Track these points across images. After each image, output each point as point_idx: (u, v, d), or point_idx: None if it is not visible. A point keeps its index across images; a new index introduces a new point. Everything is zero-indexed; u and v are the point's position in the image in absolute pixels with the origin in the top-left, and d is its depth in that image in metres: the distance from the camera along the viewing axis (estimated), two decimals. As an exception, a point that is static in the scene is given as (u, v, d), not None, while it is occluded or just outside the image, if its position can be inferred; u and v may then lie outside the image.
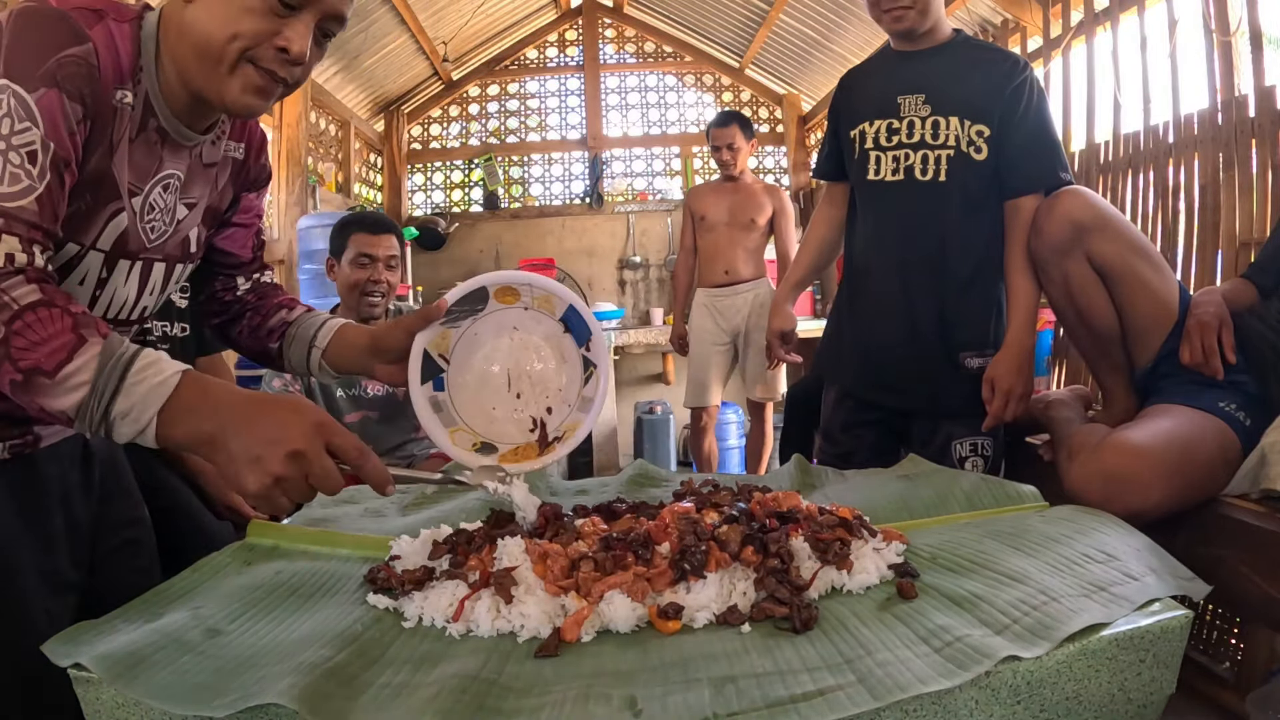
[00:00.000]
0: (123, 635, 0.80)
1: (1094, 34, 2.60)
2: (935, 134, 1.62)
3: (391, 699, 0.72)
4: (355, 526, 1.18)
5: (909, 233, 1.67)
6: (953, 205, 1.62)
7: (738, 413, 4.31)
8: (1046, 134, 1.62)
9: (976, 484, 1.23)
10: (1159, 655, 0.76)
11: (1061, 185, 1.57)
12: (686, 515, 1.00)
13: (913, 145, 1.64)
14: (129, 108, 0.88)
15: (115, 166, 0.87)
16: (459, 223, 5.17)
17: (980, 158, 1.60)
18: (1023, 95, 1.59)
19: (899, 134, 1.65)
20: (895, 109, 1.66)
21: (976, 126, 1.60)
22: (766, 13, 4.41)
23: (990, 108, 1.59)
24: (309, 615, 0.89)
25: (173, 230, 1.00)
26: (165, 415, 0.75)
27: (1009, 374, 1.56)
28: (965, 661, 0.71)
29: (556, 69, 5.44)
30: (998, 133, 1.59)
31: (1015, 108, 1.59)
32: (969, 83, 1.61)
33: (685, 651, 0.78)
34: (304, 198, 3.58)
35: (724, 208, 3.31)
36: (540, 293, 1.09)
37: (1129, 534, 0.98)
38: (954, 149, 1.61)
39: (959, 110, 1.60)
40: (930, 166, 1.63)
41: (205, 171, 1.03)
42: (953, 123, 1.61)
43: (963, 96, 1.61)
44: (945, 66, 1.64)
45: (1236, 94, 1.97)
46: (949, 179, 1.62)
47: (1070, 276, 1.48)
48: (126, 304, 0.98)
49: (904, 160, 1.65)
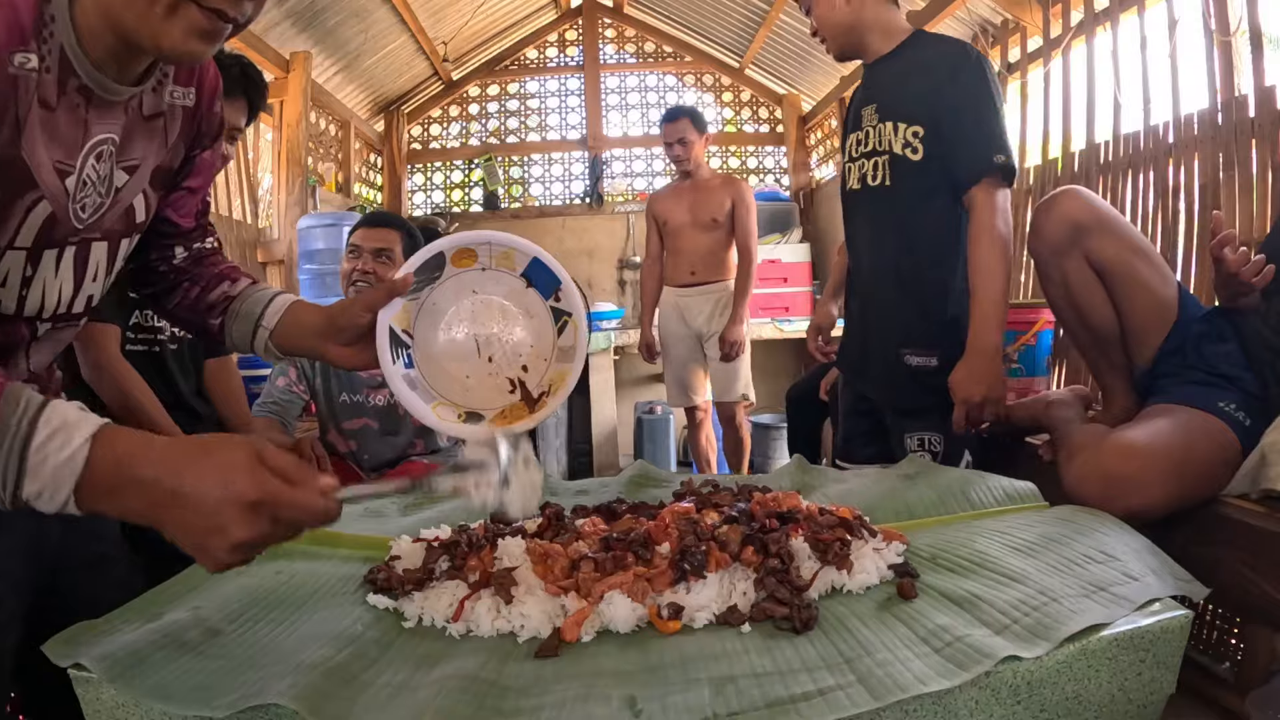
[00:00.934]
0: (123, 635, 0.80)
1: (1094, 34, 2.60)
2: (880, 140, 1.67)
3: (391, 699, 0.72)
4: (355, 526, 1.18)
5: (867, 236, 1.76)
6: (899, 207, 1.66)
7: (738, 413, 4.30)
8: (980, 122, 1.57)
9: (976, 484, 1.23)
10: (1159, 655, 0.76)
11: (1000, 169, 1.55)
12: (686, 515, 1.00)
13: (867, 154, 1.71)
14: (33, 74, 0.72)
15: (26, 149, 0.72)
16: (459, 223, 5.17)
17: (916, 158, 1.62)
18: (955, 87, 1.58)
19: (861, 144, 1.73)
20: (859, 121, 1.74)
21: (911, 128, 1.62)
22: (766, 13, 4.41)
23: (922, 107, 1.61)
24: (309, 615, 0.89)
25: (110, 202, 0.85)
26: (83, 496, 0.62)
27: (965, 381, 1.54)
28: (965, 661, 0.71)
29: (556, 69, 5.44)
30: (933, 131, 1.60)
31: (947, 102, 1.59)
32: (909, 86, 1.64)
33: (685, 651, 0.78)
34: (304, 198, 3.58)
35: (684, 209, 3.22)
36: (499, 249, 1.05)
37: (1129, 534, 0.98)
38: (889, 153, 1.65)
39: (896, 115, 1.64)
40: (878, 172, 1.69)
41: (147, 126, 0.87)
42: (888, 127, 1.65)
43: (901, 101, 1.64)
44: (893, 74, 1.69)
45: (1236, 94, 1.97)
46: (894, 183, 1.66)
47: (1069, 276, 1.49)
48: (63, 298, 0.84)
49: (861, 169, 1.73)
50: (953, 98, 1.58)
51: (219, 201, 3.24)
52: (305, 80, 3.53)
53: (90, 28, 0.74)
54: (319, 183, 3.95)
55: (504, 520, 1.05)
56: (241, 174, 3.44)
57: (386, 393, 2.08)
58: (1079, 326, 1.54)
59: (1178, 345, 1.45)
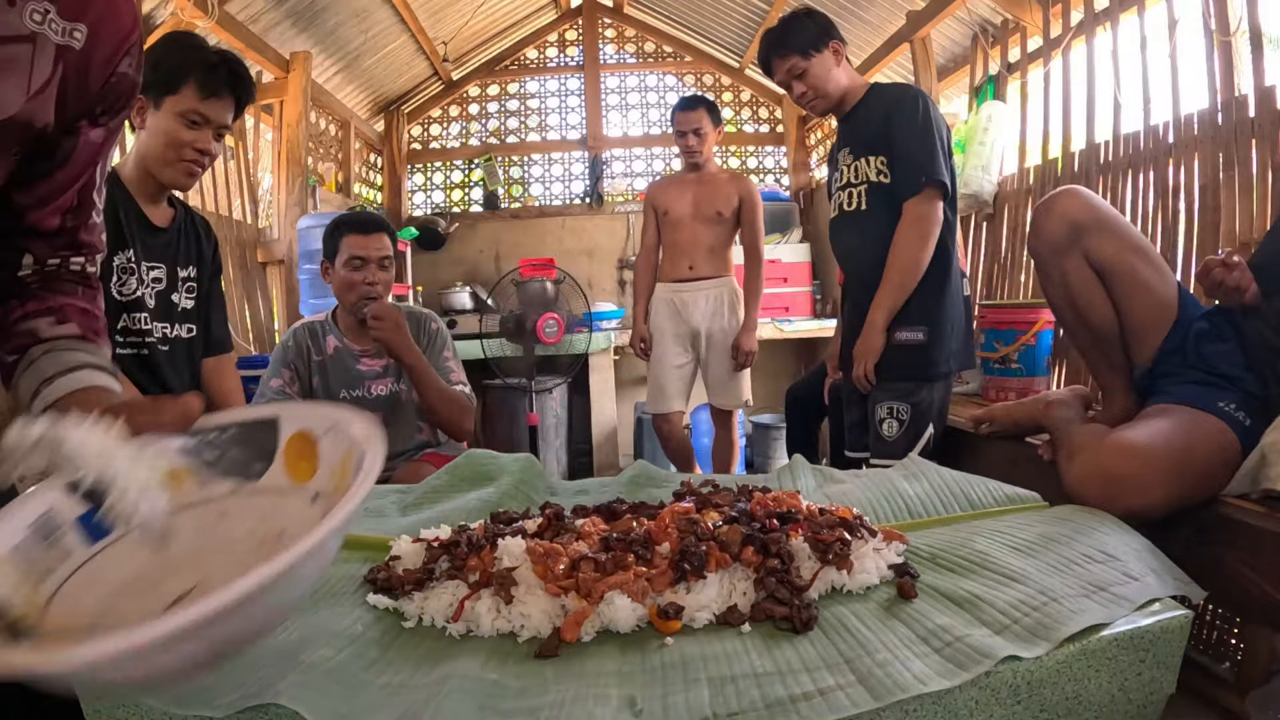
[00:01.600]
0: (123, 635, 0.80)
1: (1094, 34, 2.60)
2: (856, 174, 2.06)
3: (391, 699, 0.72)
4: (355, 526, 1.18)
5: (855, 250, 2.12)
6: (877, 223, 2.00)
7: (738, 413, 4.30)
8: (918, 143, 1.92)
9: (976, 484, 1.23)
10: (1159, 655, 0.76)
11: (931, 184, 1.90)
12: (687, 515, 1.00)
13: (843, 187, 2.10)
14: None
15: None
16: (459, 223, 5.17)
17: (887, 181, 1.99)
18: (902, 113, 1.94)
19: (837, 180, 2.13)
20: (837, 163, 2.15)
21: (879, 159, 2.00)
22: (766, 13, 4.41)
23: (881, 140, 1.99)
24: (309, 615, 0.89)
25: None
26: None
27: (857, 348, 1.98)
28: (965, 661, 0.71)
29: (556, 69, 5.43)
30: (890, 156, 1.97)
31: (893, 130, 1.95)
32: (871, 127, 2.02)
33: (685, 651, 0.78)
34: (304, 198, 3.58)
35: (687, 200, 3.05)
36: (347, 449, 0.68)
37: (1129, 534, 0.98)
38: (866, 182, 2.03)
39: (865, 150, 2.03)
40: (855, 200, 2.07)
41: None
42: (861, 162, 2.04)
43: (867, 140, 2.02)
44: (859, 121, 2.07)
45: (1236, 94, 1.97)
46: (869, 206, 2.03)
47: (1068, 276, 1.49)
48: None
49: (840, 200, 2.12)
50: (896, 129, 1.95)
51: (219, 201, 3.23)
52: (305, 80, 3.53)
53: None
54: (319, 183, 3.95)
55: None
56: (241, 174, 3.44)
57: (388, 383, 2.08)
58: (1078, 326, 1.54)
59: (1178, 345, 1.45)
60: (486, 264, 5.10)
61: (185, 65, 1.60)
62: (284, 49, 3.51)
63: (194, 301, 1.83)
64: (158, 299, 1.75)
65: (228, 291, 3.17)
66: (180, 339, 1.82)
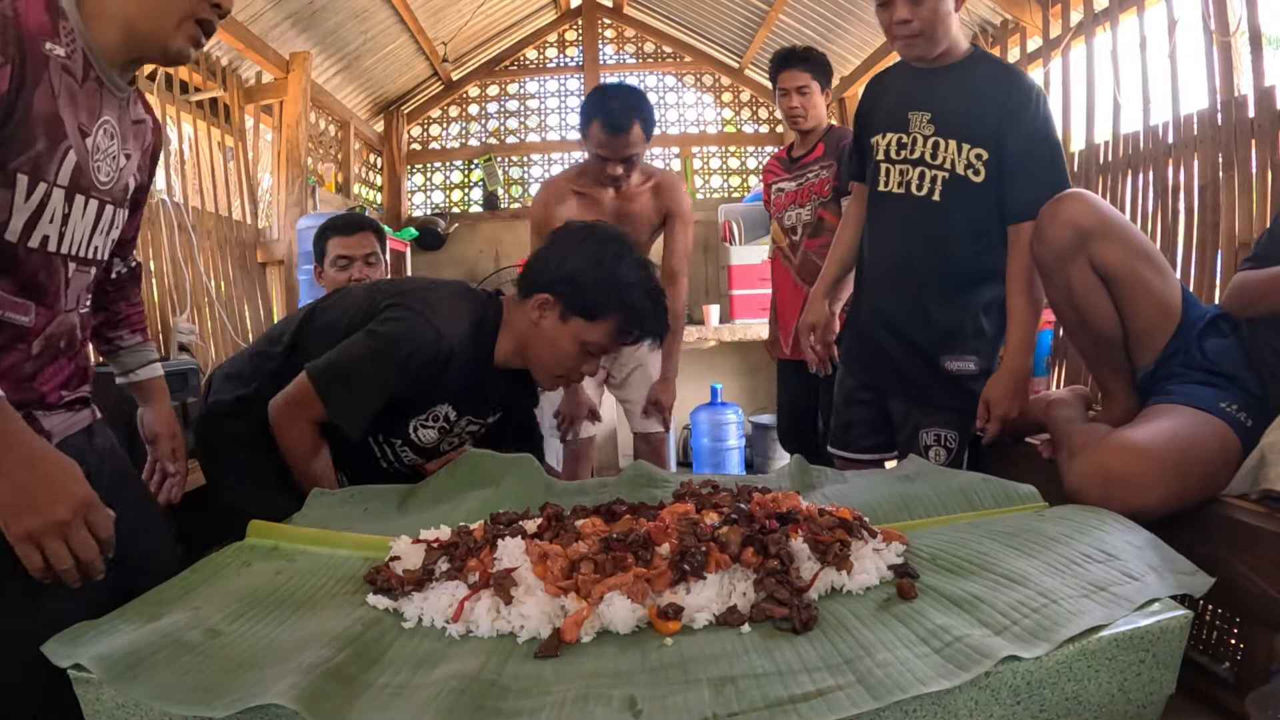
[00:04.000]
0: (123, 635, 0.80)
1: (1094, 34, 2.60)
2: (935, 154, 1.70)
3: (391, 699, 0.72)
4: (355, 526, 1.18)
5: (904, 242, 1.78)
6: (946, 222, 1.71)
7: (738, 412, 4.30)
8: (1045, 160, 1.64)
9: (976, 484, 1.23)
10: (1159, 655, 0.76)
11: None
12: (686, 516, 1.00)
13: (914, 161, 1.73)
14: (61, 58, 0.95)
15: (62, 110, 0.96)
16: (459, 223, 5.16)
17: (978, 180, 1.66)
18: (1023, 118, 1.63)
19: (906, 148, 1.74)
20: (905, 124, 1.74)
21: (975, 150, 1.66)
22: (766, 13, 4.40)
23: (989, 131, 1.65)
24: (309, 615, 0.89)
25: (118, 175, 1.08)
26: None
27: (1005, 398, 1.64)
28: (965, 662, 0.71)
29: (556, 69, 5.44)
30: (996, 155, 1.65)
31: (1013, 132, 1.63)
32: (973, 105, 1.66)
33: (685, 652, 0.78)
34: (304, 198, 3.58)
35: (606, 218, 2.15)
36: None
37: (1129, 531, 0.98)
38: (949, 171, 1.69)
39: (959, 133, 1.67)
40: (926, 184, 1.72)
41: (134, 128, 1.13)
42: (951, 145, 1.68)
43: (965, 119, 1.67)
44: (954, 87, 1.69)
45: (1236, 94, 1.97)
46: (943, 199, 1.70)
47: (1073, 282, 1.48)
48: (83, 241, 1.06)
49: (905, 175, 1.75)
50: (1021, 133, 1.62)
51: (219, 201, 3.24)
52: (305, 80, 3.53)
53: (102, 36, 1.01)
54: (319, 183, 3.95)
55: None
56: (241, 174, 3.44)
57: None
58: (1080, 330, 1.54)
59: (1180, 346, 1.45)
60: (486, 264, 5.10)
61: None
62: (284, 49, 3.51)
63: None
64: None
65: (227, 292, 3.18)
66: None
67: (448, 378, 1.42)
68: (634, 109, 2.02)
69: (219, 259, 3.14)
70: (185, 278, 2.79)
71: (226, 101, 3.36)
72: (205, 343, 2.89)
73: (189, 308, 2.78)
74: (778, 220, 2.67)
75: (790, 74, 2.60)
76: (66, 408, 1.10)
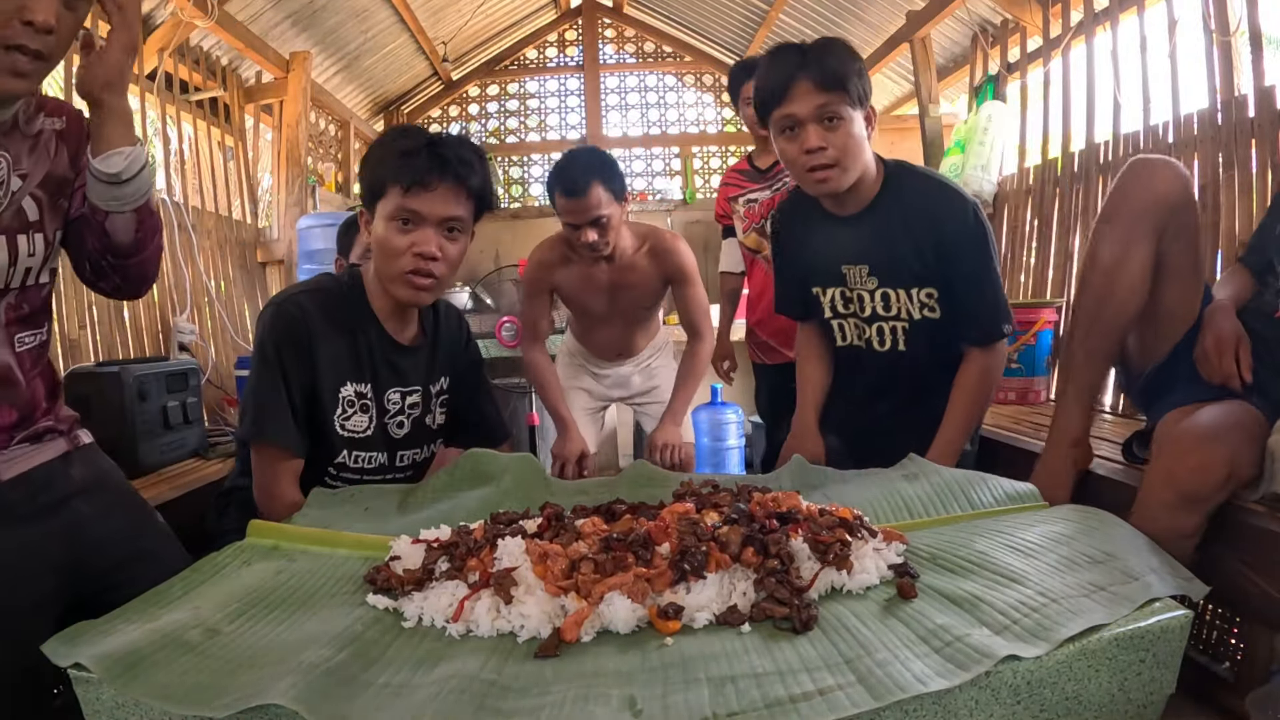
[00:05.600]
0: (123, 635, 0.80)
1: (1094, 34, 2.60)
2: (887, 306, 1.59)
3: (391, 699, 0.72)
4: (355, 526, 1.18)
5: (873, 391, 1.69)
6: (916, 365, 1.63)
7: (738, 412, 4.29)
8: (989, 286, 1.54)
9: (976, 484, 1.23)
10: (1159, 655, 0.76)
11: (1003, 338, 1.57)
12: (686, 516, 1.00)
13: (867, 319, 1.62)
14: None
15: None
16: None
17: (935, 316, 1.57)
18: (963, 241, 1.52)
19: (853, 304, 1.63)
20: (842, 278, 1.62)
21: (926, 290, 1.56)
22: (766, 13, 4.41)
23: (932, 266, 1.54)
24: (309, 615, 0.89)
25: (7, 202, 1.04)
26: None
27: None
28: (965, 661, 0.71)
29: (556, 69, 5.44)
30: (945, 290, 1.56)
31: (957, 259, 1.52)
32: (910, 245, 1.53)
33: (685, 651, 0.78)
34: (304, 198, 3.58)
35: (600, 296, 2.15)
36: None
37: (1129, 533, 0.98)
38: (908, 320, 1.59)
39: (905, 280, 1.56)
40: (888, 337, 1.62)
41: (32, 143, 1.08)
42: (901, 295, 1.57)
43: (905, 263, 1.54)
44: (885, 229, 1.55)
45: (1236, 94, 1.97)
46: (909, 346, 1.61)
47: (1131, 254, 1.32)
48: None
49: (863, 332, 1.65)
50: (965, 257, 1.52)
51: (219, 201, 3.24)
52: (305, 80, 3.53)
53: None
54: (319, 183, 3.95)
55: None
56: (241, 174, 3.44)
57: None
58: (1097, 304, 1.37)
59: (1192, 345, 1.38)
60: (486, 264, 5.09)
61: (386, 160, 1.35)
62: (284, 49, 3.51)
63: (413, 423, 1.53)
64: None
65: (227, 292, 3.18)
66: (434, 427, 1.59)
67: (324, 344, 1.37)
68: (592, 169, 1.90)
69: (219, 259, 3.14)
70: (185, 277, 2.79)
71: (226, 101, 3.37)
72: (205, 343, 2.89)
73: (189, 307, 2.78)
74: (756, 230, 2.51)
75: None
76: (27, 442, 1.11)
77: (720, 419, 4.20)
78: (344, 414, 1.42)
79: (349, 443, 1.44)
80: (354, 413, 1.43)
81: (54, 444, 1.15)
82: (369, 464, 1.47)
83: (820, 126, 1.45)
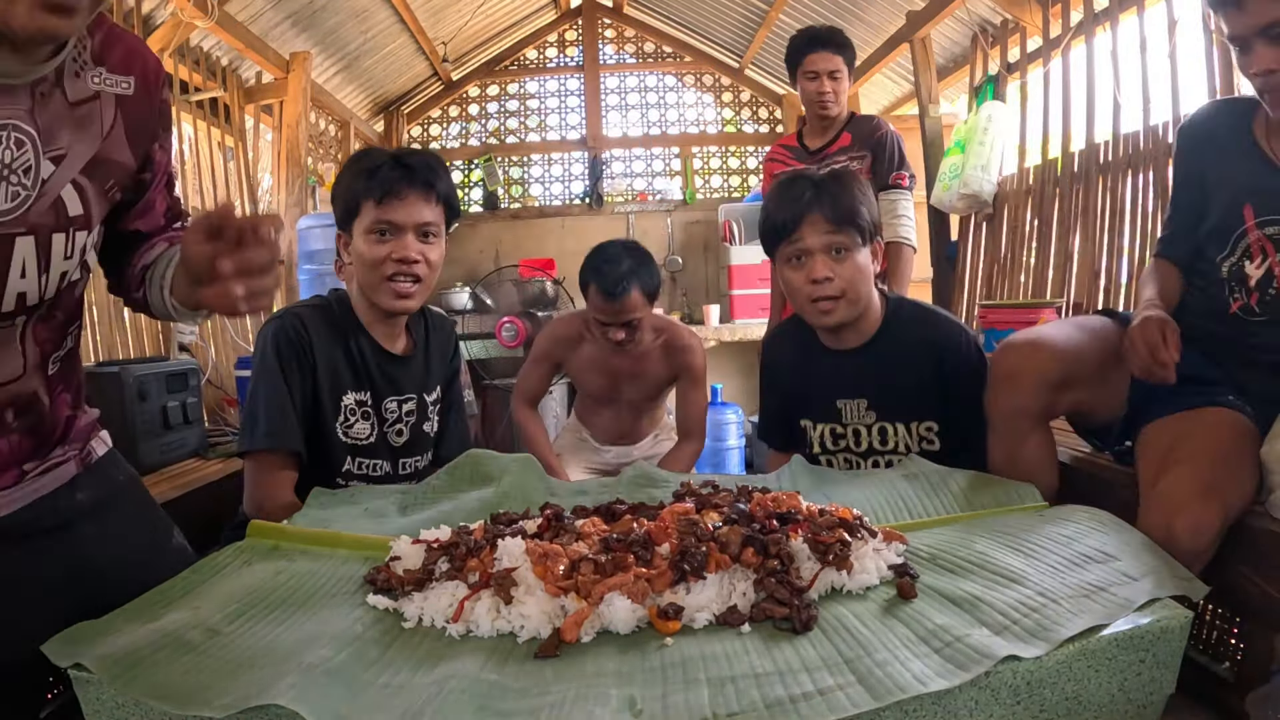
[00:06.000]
0: (123, 635, 0.80)
1: (1094, 34, 2.60)
2: (884, 440, 1.56)
3: (391, 699, 0.72)
4: (355, 526, 1.18)
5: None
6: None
7: (738, 413, 4.30)
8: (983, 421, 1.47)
9: (976, 484, 1.23)
10: (1159, 655, 0.76)
11: None
12: (686, 516, 1.00)
13: (862, 454, 1.58)
14: None
15: None
16: (458, 223, 5.17)
17: (935, 449, 1.53)
18: (965, 371, 1.50)
19: (845, 439, 1.59)
20: (837, 414, 1.58)
21: (925, 424, 1.53)
22: (766, 13, 4.41)
23: (933, 400, 1.52)
24: (309, 615, 0.89)
25: (36, 194, 0.80)
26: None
27: None
28: (965, 662, 0.71)
29: (556, 69, 5.44)
30: (944, 419, 1.53)
31: (958, 390, 1.50)
32: (913, 381, 1.52)
33: (685, 652, 0.78)
34: (304, 198, 3.58)
35: (607, 380, 2.17)
36: None
37: (1129, 534, 0.98)
38: (905, 454, 1.54)
39: (905, 415, 1.54)
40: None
41: (74, 112, 0.83)
42: (900, 429, 1.54)
43: (907, 398, 1.53)
44: (882, 362, 1.53)
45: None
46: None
47: (1025, 445, 1.35)
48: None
49: (854, 466, 1.59)
50: (968, 387, 1.48)
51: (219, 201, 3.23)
52: (305, 80, 3.53)
53: None
54: (319, 183, 3.95)
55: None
56: (241, 174, 3.44)
57: None
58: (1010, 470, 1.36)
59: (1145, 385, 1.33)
60: (486, 264, 5.09)
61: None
62: (284, 49, 3.51)
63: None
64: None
65: (227, 292, 3.17)
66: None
67: (323, 354, 1.42)
68: (632, 272, 1.90)
69: (219, 259, 3.13)
70: (185, 278, 2.78)
71: (226, 101, 3.36)
72: (205, 343, 2.89)
73: (189, 308, 2.78)
74: None
75: (823, 56, 2.36)
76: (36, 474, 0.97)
77: (720, 419, 4.20)
78: (346, 421, 1.46)
79: (352, 450, 1.47)
80: (356, 420, 1.47)
81: (63, 468, 1.02)
82: (374, 471, 1.51)
83: (828, 257, 1.46)
